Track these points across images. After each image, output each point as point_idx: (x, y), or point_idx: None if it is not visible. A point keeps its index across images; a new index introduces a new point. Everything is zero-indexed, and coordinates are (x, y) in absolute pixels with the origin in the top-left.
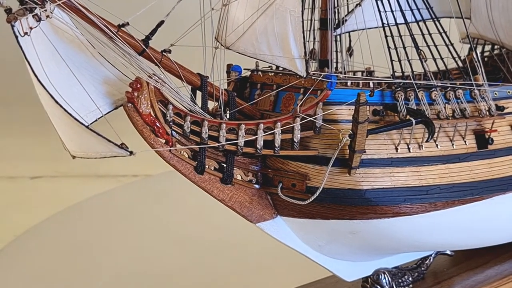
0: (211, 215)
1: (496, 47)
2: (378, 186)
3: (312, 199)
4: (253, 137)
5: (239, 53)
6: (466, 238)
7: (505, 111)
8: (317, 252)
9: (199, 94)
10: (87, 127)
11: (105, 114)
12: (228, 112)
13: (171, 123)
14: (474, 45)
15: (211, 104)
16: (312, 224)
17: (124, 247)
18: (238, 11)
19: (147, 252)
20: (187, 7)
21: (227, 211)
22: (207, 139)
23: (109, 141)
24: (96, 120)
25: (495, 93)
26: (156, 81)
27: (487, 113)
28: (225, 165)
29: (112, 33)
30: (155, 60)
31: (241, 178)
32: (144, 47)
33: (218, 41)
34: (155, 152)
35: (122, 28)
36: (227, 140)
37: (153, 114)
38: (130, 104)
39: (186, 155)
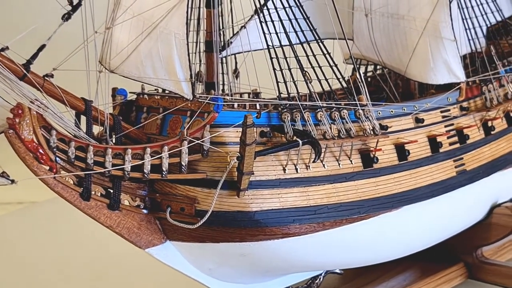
0: (99, 241)
1: (378, 67)
2: (267, 208)
3: (201, 222)
4: (140, 162)
5: (124, 76)
6: (355, 256)
7: (389, 130)
8: (208, 276)
9: (83, 118)
10: None
11: None
12: (114, 136)
13: (55, 149)
14: (358, 66)
15: (96, 129)
16: (202, 247)
17: (10, 276)
18: (122, 34)
19: (34, 282)
20: (70, 30)
21: (117, 236)
22: (92, 164)
23: None
24: None
25: (379, 113)
26: (39, 107)
27: (372, 133)
28: (112, 191)
29: None
30: (37, 85)
31: (129, 203)
32: (25, 71)
33: (102, 64)
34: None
35: (1, 53)
36: (113, 165)
37: (36, 141)
38: (12, 131)
39: (72, 182)
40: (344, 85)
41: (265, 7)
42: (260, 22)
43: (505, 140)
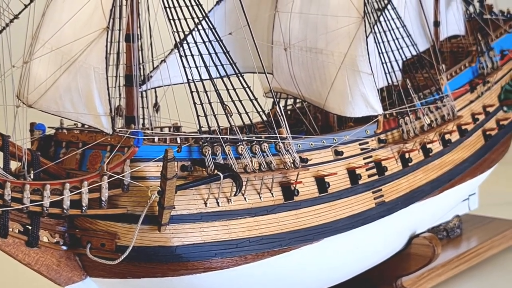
0: (19, 280)
1: (298, 100)
2: (188, 242)
3: (122, 258)
4: (59, 198)
5: (43, 111)
6: None
7: (309, 162)
8: None
9: (0, 154)
10: None
11: None
12: (32, 172)
13: None
14: (277, 99)
15: (14, 165)
16: (123, 283)
17: None
18: (40, 69)
19: None
20: None
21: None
22: (10, 201)
23: None
24: None
25: (299, 146)
26: None
27: (292, 165)
28: (30, 227)
29: None
30: None
31: (48, 240)
32: None
33: (20, 99)
34: None
35: None
36: (31, 201)
37: None
38: None
39: None
40: (265, 118)
41: (185, 41)
42: (180, 56)
43: (422, 172)
